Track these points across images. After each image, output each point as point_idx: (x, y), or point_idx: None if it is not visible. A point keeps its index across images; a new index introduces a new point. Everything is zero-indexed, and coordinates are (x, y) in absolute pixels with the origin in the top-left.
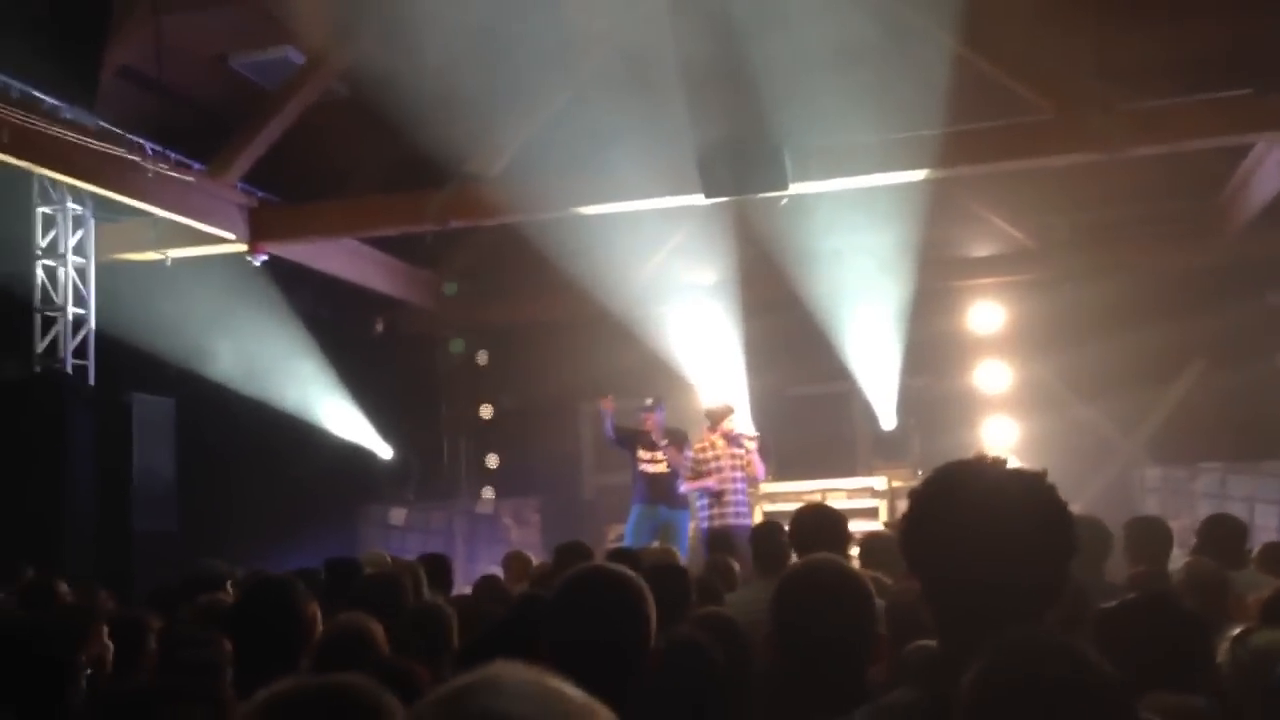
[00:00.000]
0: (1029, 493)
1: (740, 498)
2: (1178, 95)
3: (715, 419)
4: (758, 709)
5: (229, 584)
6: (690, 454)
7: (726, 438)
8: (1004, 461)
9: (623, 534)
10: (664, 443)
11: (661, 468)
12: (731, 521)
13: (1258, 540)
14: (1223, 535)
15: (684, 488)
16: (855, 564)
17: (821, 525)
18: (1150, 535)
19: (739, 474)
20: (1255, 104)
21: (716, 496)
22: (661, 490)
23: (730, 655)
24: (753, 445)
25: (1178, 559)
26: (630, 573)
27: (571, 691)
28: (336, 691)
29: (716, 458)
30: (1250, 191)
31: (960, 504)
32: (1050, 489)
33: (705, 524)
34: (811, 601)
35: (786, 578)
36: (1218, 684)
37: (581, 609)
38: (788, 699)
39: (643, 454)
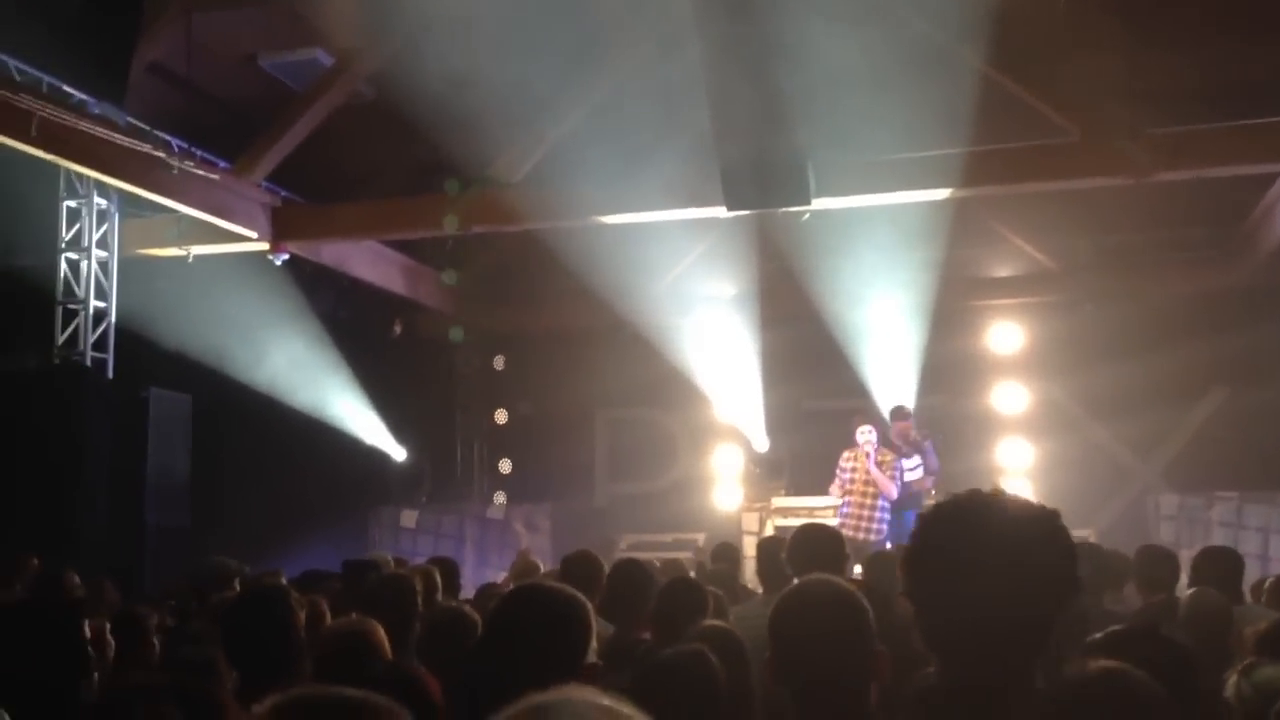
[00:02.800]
0: (1037, 531)
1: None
2: (1205, 122)
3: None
4: None
5: (237, 582)
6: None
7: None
8: (1016, 495)
9: (634, 543)
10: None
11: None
12: (855, 535)
13: (1272, 571)
14: (1221, 570)
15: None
16: (854, 582)
17: (817, 545)
18: (1156, 564)
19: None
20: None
21: (843, 506)
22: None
23: (730, 670)
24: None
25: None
26: (564, 592)
27: (636, 713)
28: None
29: (854, 469)
30: (1275, 219)
31: (966, 536)
32: (1059, 528)
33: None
34: (807, 623)
35: (782, 599)
36: (1214, 717)
37: (508, 631)
38: (789, 717)
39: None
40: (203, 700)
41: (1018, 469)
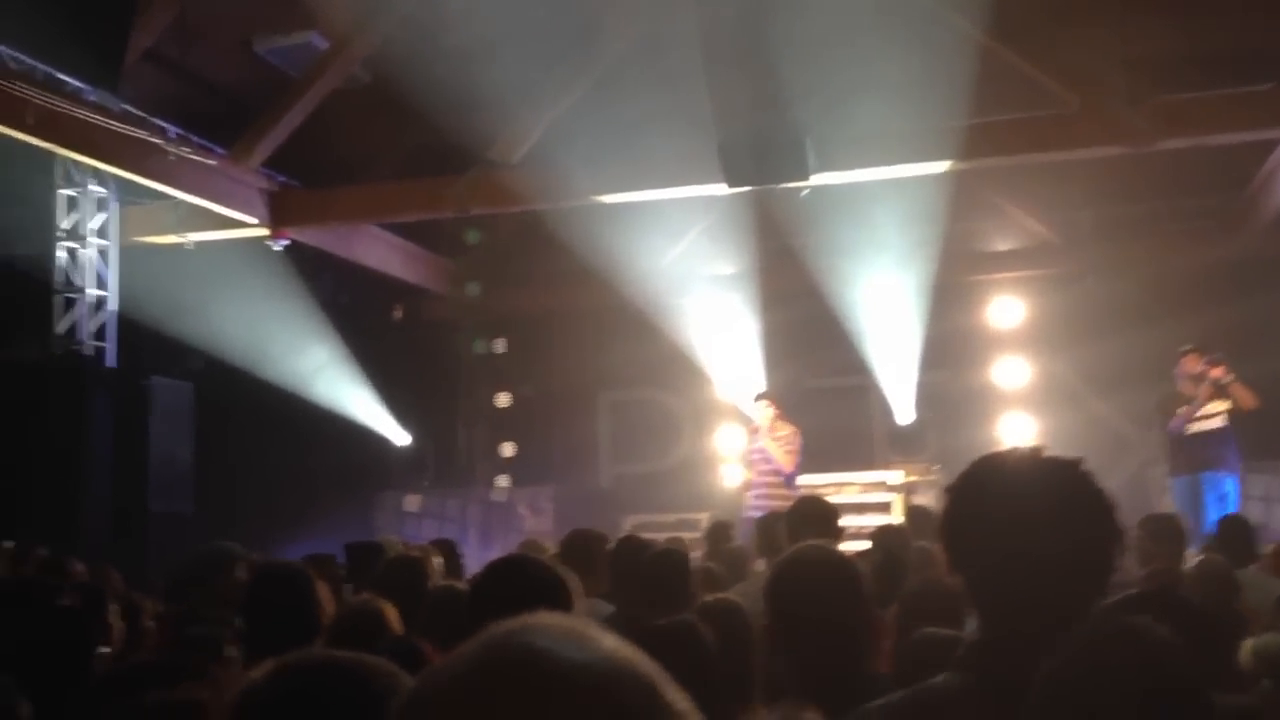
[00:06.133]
0: (1064, 479)
1: (761, 489)
2: (1203, 89)
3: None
4: (760, 697)
5: (242, 567)
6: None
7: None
8: (1039, 450)
9: (639, 524)
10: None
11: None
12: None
13: (1272, 539)
14: (1235, 535)
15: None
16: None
17: (809, 516)
18: (1164, 533)
19: (768, 464)
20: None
21: (756, 485)
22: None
23: (733, 644)
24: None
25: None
26: (543, 562)
27: (609, 637)
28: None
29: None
30: (1276, 187)
31: (996, 494)
32: (1085, 474)
33: (749, 513)
34: (801, 587)
35: (776, 566)
36: (1236, 684)
37: (489, 599)
38: (789, 686)
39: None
40: (201, 675)
41: (1020, 443)
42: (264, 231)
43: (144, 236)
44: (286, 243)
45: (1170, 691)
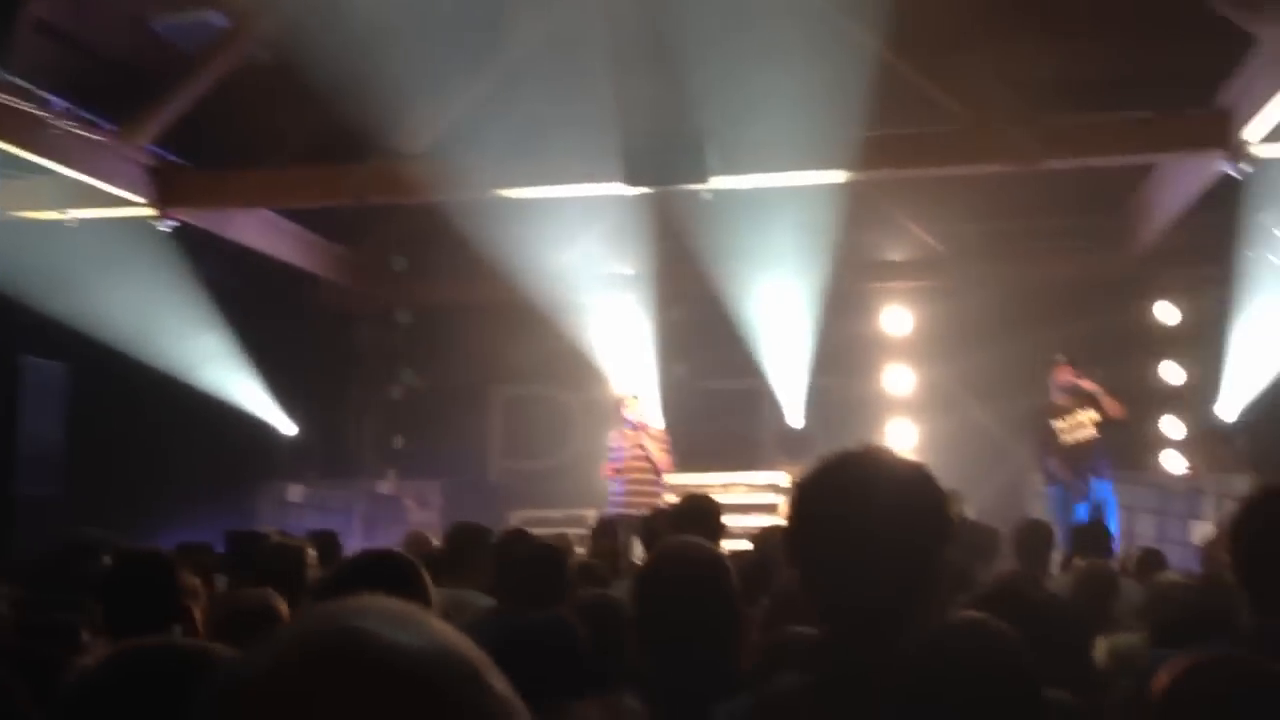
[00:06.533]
0: (900, 480)
1: (638, 486)
2: (1088, 113)
3: (617, 408)
4: (631, 691)
5: (107, 554)
6: (609, 444)
7: (631, 426)
8: (883, 452)
9: (526, 519)
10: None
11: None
12: (632, 511)
13: (1136, 548)
14: (1092, 541)
15: (605, 475)
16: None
17: (693, 514)
18: (1032, 537)
19: (639, 462)
20: (1161, 124)
21: (622, 484)
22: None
23: (603, 636)
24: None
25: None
26: (401, 556)
27: (435, 622)
28: (183, 652)
29: (624, 447)
30: (1151, 210)
31: (832, 494)
32: (925, 477)
33: (612, 511)
34: (668, 581)
35: (646, 559)
36: (1080, 672)
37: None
38: (657, 680)
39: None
40: (48, 662)
41: (902, 449)
42: (151, 212)
43: (22, 210)
44: (175, 224)
45: (1005, 683)
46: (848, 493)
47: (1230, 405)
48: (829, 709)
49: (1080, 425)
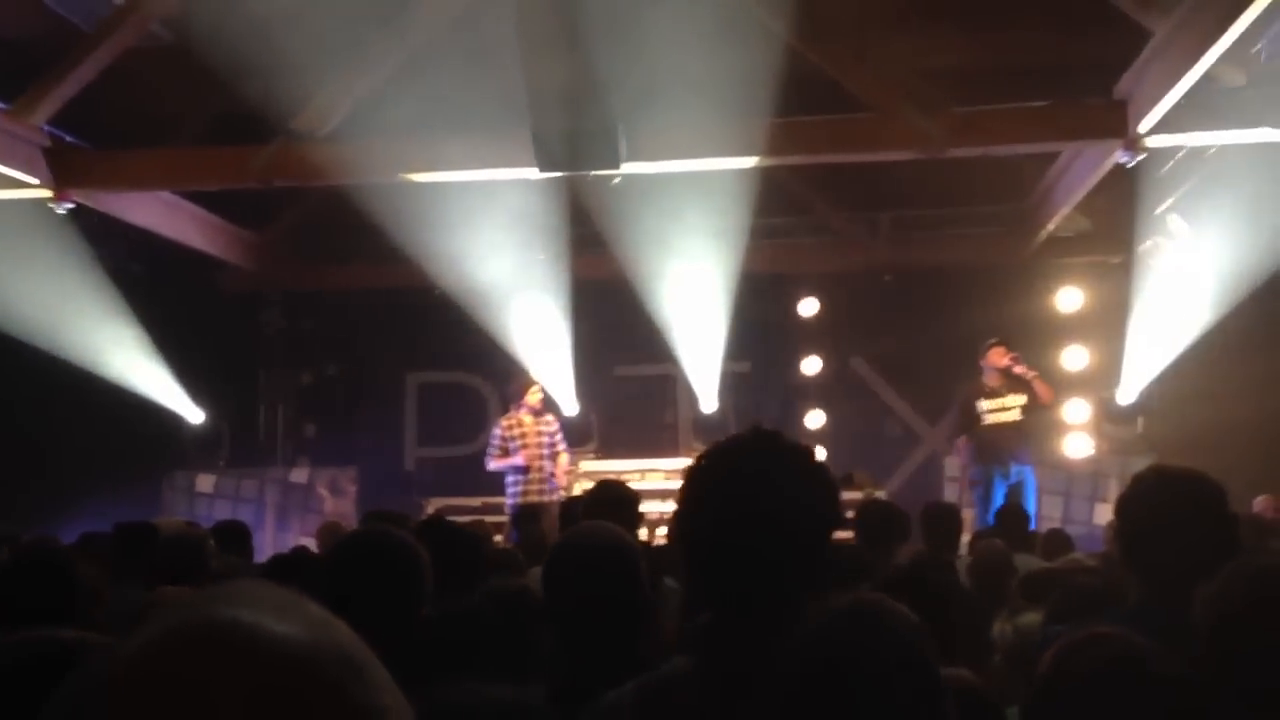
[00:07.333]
0: (791, 465)
1: (549, 473)
2: (994, 103)
3: (518, 394)
4: (541, 680)
5: (3, 548)
6: (497, 432)
7: (533, 413)
8: (777, 436)
9: (441, 507)
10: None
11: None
12: (541, 498)
13: (1044, 528)
14: (1012, 523)
15: (490, 466)
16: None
17: (608, 500)
18: (939, 520)
19: (546, 450)
20: (1061, 113)
21: (524, 472)
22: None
23: (514, 623)
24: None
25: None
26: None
27: (313, 608)
28: (63, 645)
29: (523, 435)
30: (1054, 197)
31: (724, 477)
32: (815, 462)
33: (514, 500)
34: (575, 565)
35: (554, 546)
36: (975, 650)
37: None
38: (564, 667)
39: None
40: None
41: (816, 435)
42: (47, 193)
43: None
44: (71, 206)
45: (898, 664)
46: (736, 476)
47: (1130, 388)
48: (707, 693)
49: (1005, 409)
